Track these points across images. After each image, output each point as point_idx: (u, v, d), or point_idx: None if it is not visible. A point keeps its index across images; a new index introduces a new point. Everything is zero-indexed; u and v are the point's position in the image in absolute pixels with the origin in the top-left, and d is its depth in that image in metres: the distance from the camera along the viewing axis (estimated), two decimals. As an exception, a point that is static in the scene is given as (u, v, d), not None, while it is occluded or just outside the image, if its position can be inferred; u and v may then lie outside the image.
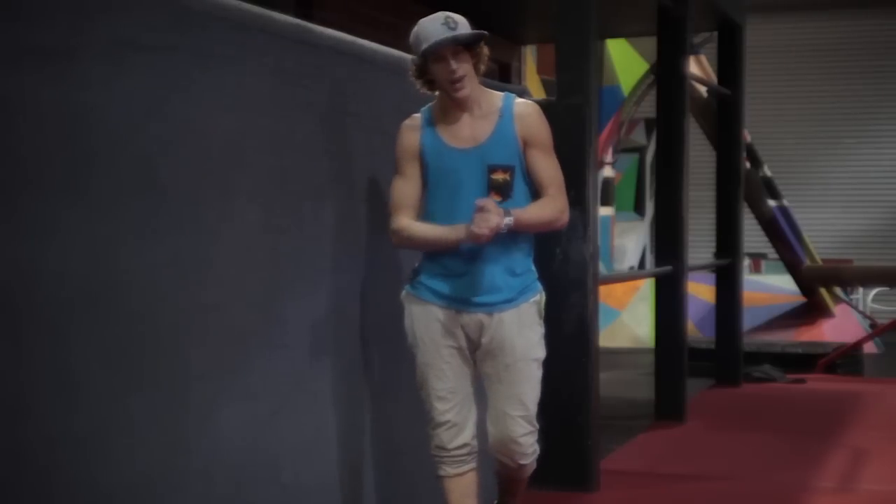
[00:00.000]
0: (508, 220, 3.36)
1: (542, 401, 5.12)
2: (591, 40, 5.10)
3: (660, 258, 6.90)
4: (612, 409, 7.04)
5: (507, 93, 3.61)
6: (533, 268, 3.64)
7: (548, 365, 5.34)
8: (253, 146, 3.24)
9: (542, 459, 4.84)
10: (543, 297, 3.64)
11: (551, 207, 3.51)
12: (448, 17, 3.39)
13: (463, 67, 3.40)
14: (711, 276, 9.06)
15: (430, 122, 3.55)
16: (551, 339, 3.76)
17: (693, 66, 8.28)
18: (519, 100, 3.57)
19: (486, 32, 3.43)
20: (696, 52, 9.29)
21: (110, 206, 2.66)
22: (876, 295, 13.73)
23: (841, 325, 10.86)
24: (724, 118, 8.47)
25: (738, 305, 8.36)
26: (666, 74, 6.90)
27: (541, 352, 3.63)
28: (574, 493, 5.01)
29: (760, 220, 10.78)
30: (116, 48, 2.69)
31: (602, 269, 9.33)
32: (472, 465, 3.64)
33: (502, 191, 3.46)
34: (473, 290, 3.50)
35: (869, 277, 12.04)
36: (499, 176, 3.47)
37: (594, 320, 5.12)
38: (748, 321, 9.48)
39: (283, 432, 3.36)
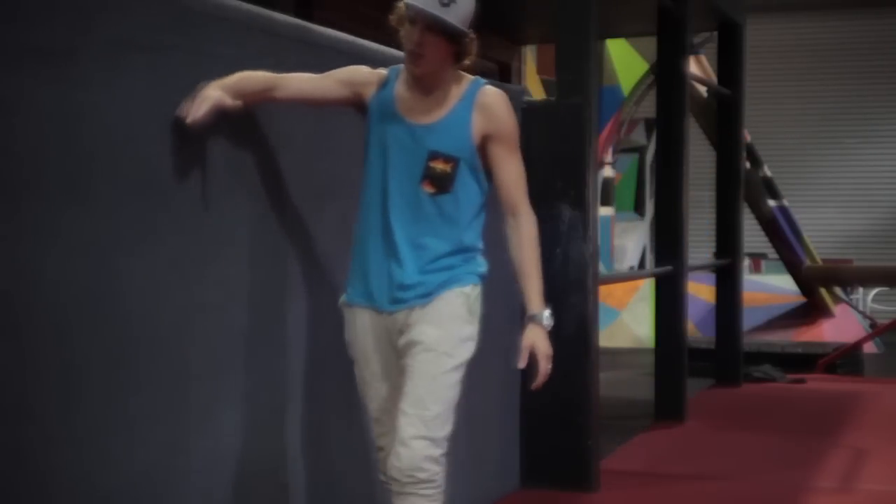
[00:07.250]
0: (547, 319, 3.16)
1: (543, 401, 5.11)
2: (591, 40, 5.10)
3: (660, 258, 6.90)
4: (612, 409, 7.03)
5: (476, 78, 3.13)
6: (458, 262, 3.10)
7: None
8: (253, 146, 3.24)
9: (542, 459, 4.83)
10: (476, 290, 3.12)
11: (531, 230, 3.10)
12: None
13: (430, 46, 2.97)
14: (711, 276, 9.06)
15: (393, 84, 3.12)
16: (551, 339, 3.70)
17: (693, 66, 8.28)
18: (486, 87, 3.10)
19: (467, 33, 3.00)
20: (696, 52, 9.29)
21: (110, 206, 2.66)
22: (876, 295, 13.73)
23: (841, 325, 10.85)
24: (724, 118, 8.46)
25: (738, 305, 8.36)
26: (666, 74, 6.89)
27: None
28: (574, 493, 5.00)
29: (760, 220, 10.78)
30: (116, 48, 2.69)
31: (602, 269, 9.32)
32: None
33: (439, 183, 3.02)
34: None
35: (869, 277, 12.04)
36: (438, 165, 3.02)
37: (594, 320, 5.12)
38: (748, 321, 9.48)
39: (283, 432, 3.36)
